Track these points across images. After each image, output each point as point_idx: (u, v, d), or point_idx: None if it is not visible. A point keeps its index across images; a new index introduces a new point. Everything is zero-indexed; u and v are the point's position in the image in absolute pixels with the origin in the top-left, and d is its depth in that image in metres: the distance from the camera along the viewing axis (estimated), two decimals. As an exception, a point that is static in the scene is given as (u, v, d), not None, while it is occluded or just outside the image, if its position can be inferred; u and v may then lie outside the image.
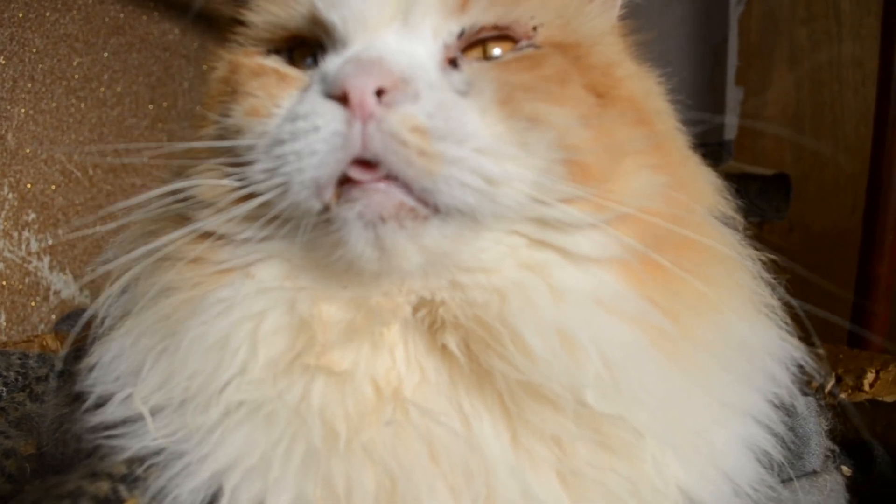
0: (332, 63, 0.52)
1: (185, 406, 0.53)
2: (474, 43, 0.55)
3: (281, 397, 0.52)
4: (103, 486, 0.50)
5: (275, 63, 0.58)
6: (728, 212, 0.63)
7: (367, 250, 0.49)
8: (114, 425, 0.54)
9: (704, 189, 0.62)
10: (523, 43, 0.55)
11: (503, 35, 0.55)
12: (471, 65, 0.53)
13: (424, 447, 0.51)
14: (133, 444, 0.53)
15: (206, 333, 0.53)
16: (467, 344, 0.53)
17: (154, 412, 0.54)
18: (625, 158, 0.54)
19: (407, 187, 0.48)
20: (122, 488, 0.50)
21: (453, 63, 0.53)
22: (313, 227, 0.51)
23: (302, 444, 0.51)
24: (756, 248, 0.63)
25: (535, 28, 0.55)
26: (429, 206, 0.48)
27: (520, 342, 0.50)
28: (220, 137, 0.56)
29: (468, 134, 0.48)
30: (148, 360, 0.55)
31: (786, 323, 0.62)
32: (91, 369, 0.58)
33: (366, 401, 0.53)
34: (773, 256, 0.64)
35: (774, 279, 0.64)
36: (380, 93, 0.47)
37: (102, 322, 0.60)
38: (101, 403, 0.56)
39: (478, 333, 0.52)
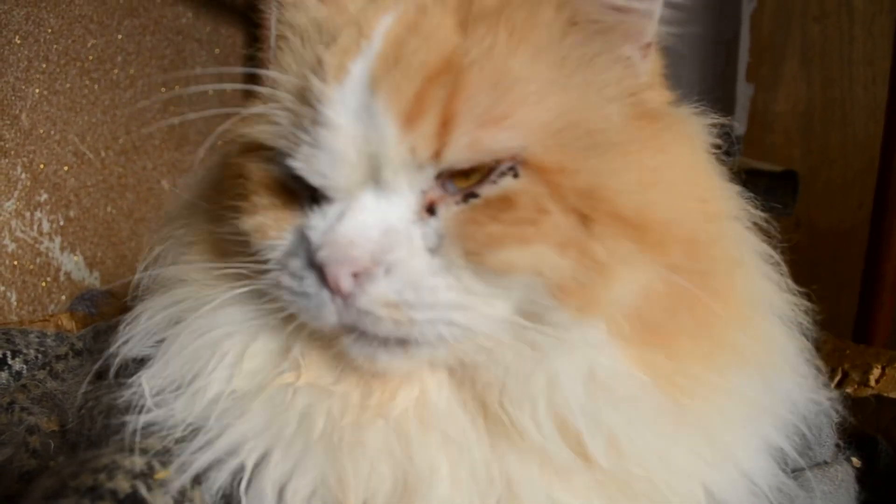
0: (316, 225, 0.54)
1: (186, 388, 0.59)
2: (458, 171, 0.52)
3: (262, 390, 0.57)
4: (137, 461, 0.51)
5: (279, 174, 0.57)
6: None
7: (364, 364, 0.55)
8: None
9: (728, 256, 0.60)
10: (503, 167, 0.51)
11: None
12: (448, 209, 0.52)
13: (441, 437, 0.54)
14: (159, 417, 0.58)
15: (202, 334, 0.60)
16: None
17: (168, 392, 0.59)
18: (611, 268, 0.52)
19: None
20: (155, 463, 0.51)
21: (431, 209, 0.52)
22: None
23: (291, 429, 0.55)
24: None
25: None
26: (410, 340, 0.52)
27: (518, 429, 0.54)
28: (235, 220, 0.59)
29: (437, 299, 0.51)
30: (157, 336, 0.62)
31: (801, 324, 0.64)
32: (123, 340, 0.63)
33: (348, 402, 0.56)
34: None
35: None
36: (355, 274, 0.50)
37: (135, 296, 0.66)
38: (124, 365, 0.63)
39: (479, 401, 0.56)
